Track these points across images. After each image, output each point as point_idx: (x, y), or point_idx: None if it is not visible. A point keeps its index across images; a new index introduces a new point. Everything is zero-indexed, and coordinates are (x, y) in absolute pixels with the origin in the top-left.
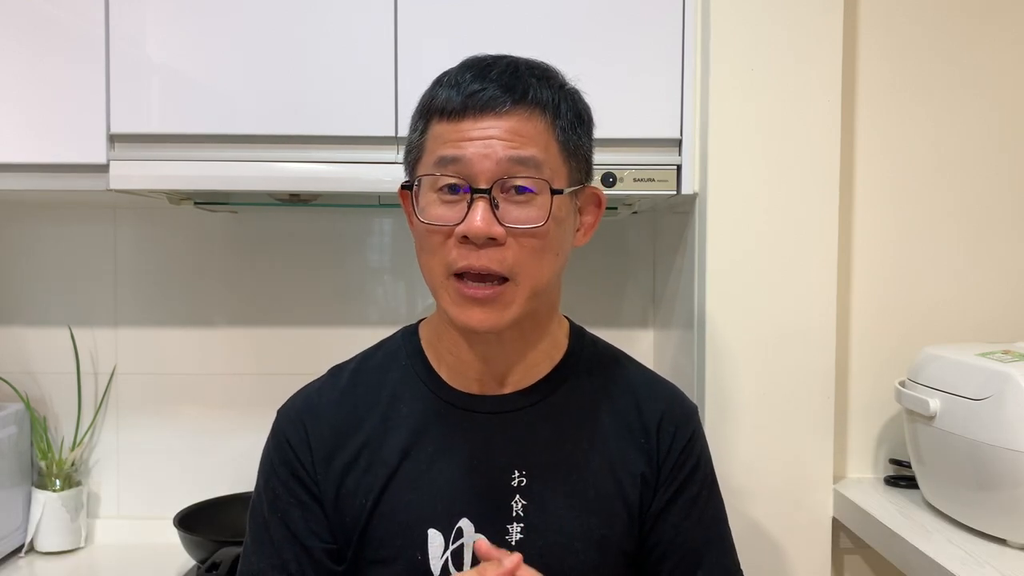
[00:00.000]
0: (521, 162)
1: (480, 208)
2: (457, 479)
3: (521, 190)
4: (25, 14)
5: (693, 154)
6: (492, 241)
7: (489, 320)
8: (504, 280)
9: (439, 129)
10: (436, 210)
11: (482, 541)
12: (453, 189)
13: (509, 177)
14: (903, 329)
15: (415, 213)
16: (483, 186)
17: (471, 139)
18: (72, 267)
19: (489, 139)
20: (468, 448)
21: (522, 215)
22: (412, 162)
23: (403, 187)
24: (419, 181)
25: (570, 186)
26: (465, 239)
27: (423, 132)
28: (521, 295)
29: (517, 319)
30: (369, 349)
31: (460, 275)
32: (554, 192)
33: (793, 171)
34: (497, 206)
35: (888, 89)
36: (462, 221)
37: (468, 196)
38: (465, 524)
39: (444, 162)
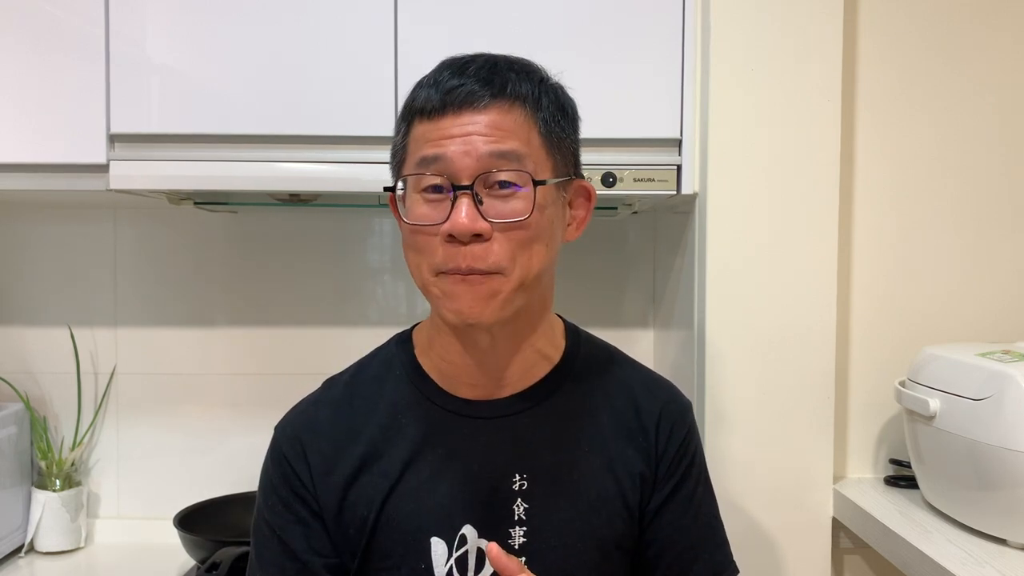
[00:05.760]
0: (502, 156)
1: (464, 205)
2: (458, 486)
3: (504, 184)
4: (25, 14)
5: (693, 154)
6: (478, 238)
7: (476, 308)
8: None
9: (420, 129)
10: (421, 210)
11: (493, 545)
12: (437, 188)
13: (491, 172)
14: (903, 329)
15: (401, 214)
16: (465, 183)
17: (451, 136)
18: (72, 267)
19: (469, 135)
20: (468, 454)
21: (506, 208)
22: (397, 164)
23: (387, 189)
24: (404, 183)
25: (555, 178)
26: (451, 237)
27: (405, 134)
28: (510, 285)
29: (507, 312)
30: (363, 359)
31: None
32: (537, 183)
33: (793, 171)
34: (481, 202)
35: (888, 89)
36: (447, 219)
37: (451, 194)
38: (468, 531)
39: (426, 162)
